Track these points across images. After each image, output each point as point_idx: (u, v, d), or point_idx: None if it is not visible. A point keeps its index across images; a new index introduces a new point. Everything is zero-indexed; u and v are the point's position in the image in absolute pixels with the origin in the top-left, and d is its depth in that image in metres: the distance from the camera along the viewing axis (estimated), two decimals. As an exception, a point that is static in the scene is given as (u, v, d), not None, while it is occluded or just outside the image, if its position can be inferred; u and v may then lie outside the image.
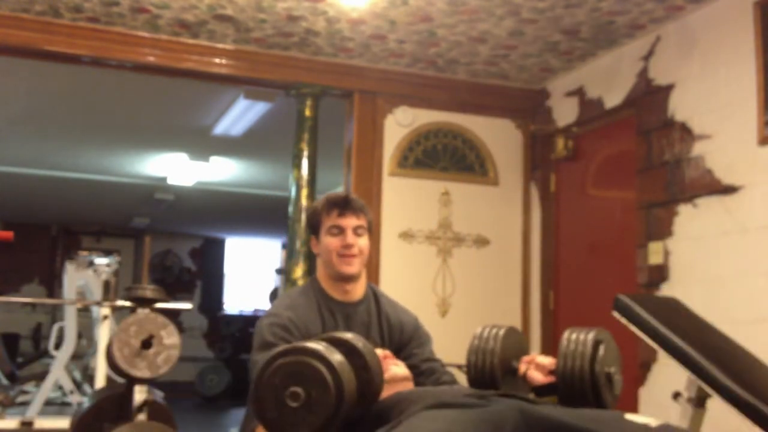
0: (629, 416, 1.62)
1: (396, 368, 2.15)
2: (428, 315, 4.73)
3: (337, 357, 1.67)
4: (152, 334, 3.03)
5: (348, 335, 1.89)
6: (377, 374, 1.84)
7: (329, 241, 2.38)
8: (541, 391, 1.97)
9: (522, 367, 2.00)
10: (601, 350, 1.85)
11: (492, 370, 1.92)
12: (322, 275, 2.46)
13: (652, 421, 1.58)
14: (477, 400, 1.71)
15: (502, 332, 1.97)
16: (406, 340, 2.48)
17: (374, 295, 2.51)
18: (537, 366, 2.00)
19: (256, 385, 1.67)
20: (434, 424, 1.58)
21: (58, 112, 6.19)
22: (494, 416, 1.60)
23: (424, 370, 2.44)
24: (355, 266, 2.39)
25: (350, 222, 2.38)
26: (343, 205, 2.38)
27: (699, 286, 3.69)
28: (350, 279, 2.41)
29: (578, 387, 1.81)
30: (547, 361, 2.00)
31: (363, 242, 2.40)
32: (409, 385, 2.16)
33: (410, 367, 2.41)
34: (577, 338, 1.87)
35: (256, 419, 1.72)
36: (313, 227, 2.45)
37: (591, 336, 1.86)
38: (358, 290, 2.45)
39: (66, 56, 4.38)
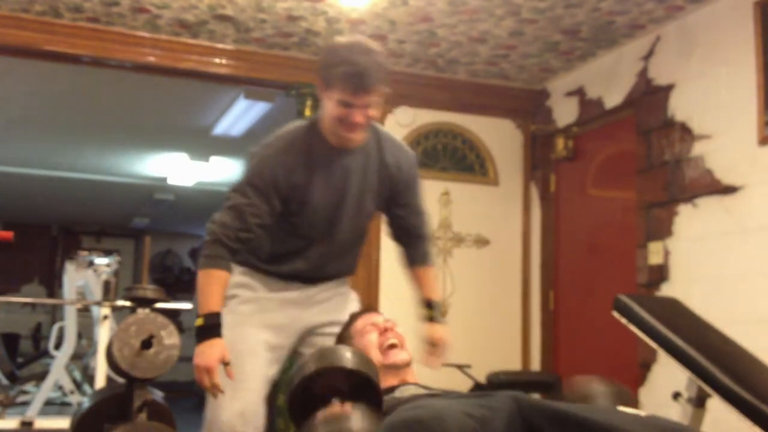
0: (621, 408, 1.65)
1: (399, 354, 2.15)
2: (428, 315, 4.73)
3: None
4: (152, 334, 3.03)
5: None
6: None
7: (336, 110, 2.21)
8: None
9: None
10: None
11: None
12: (325, 123, 2.30)
13: (642, 413, 1.62)
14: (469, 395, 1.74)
15: None
16: (402, 187, 2.45)
17: (376, 135, 2.40)
18: None
19: None
20: (432, 406, 1.60)
21: (58, 112, 6.19)
22: (489, 401, 1.63)
23: (408, 228, 2.51)
24: (359, 135, 2.27)
25: (363, 100, 2.19)
26: (358, 83, 2.15)
27: (699, 286, 3.69)
28: (353, 143, 2.30)
29: None
30: None
31: (373, 112, 2.24)
32: (411, 372, 2.16)
33: (398, 217, 2.50)
34: None
35: None
36: (322, 78, 2.24)
37: None
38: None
39: (66, 56, 4.37)
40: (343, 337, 2.26)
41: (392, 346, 2.16)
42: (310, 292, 2.44)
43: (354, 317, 2.30)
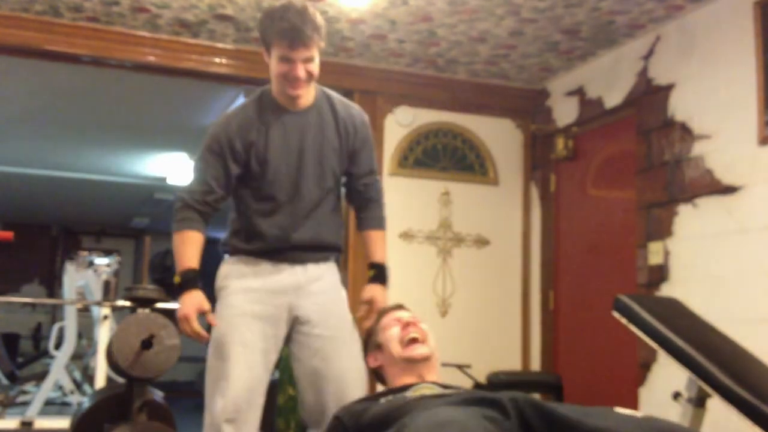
0: (618, 409, 1.65)
1: (418, 348, 2.15)
2: (428, 315, 4.72)
3: None
4: (152, 334, 3.04)
5: None
6: None
7: (279, 67, 2.34)
8: None
9: None
10: None
11: None
12: (273, 85, 2.44)
13: (639, 414, 1.62)
14: (475, 397, 1.74)
15: None
16: (359, 144, 2.54)
17: (326, 96, 2.52)
18: None
19: None
20: (444, 413, 1.59)
21: (58, 112, 6.19)
22: (495, 413, 1.62)
23: (361, 189, 2.58)
24: (304, 91, 2.39)
25: (300, 54, 2.30)
26: (293, 37, 2.28)
27: (699, 286, 3.69)
28: (299, 98, 2.42)
29: None
30: None
31: (313, 67, 2.35)
32: (430, 368, 2.15)
33: (352, 177, 2.57)
34: None
35: None
36: (263, 41, 2.39)
37: None
38: (308, 97, 2.45)
39: (66, 56, 4.37)
40: (369, 333, 2.33)
41: (413, 340, 2.19)
42: (300, 277, 2.45)
43: (381, 314, 2.36)
